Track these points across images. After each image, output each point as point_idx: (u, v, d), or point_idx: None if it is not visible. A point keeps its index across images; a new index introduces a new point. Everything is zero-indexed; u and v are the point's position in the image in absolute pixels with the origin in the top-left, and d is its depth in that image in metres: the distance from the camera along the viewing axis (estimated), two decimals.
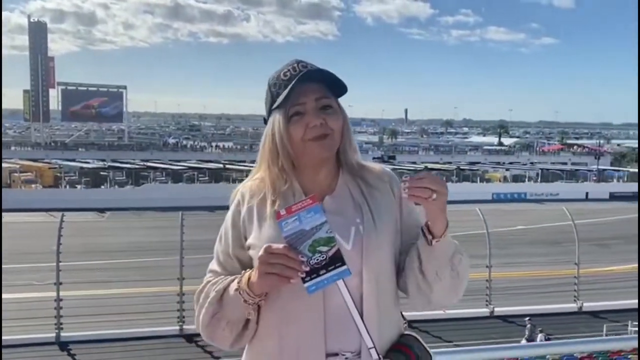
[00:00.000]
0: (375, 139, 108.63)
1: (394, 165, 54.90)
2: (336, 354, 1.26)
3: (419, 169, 50.00)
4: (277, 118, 1.33)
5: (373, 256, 1.31)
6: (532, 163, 61.18)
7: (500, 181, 46.00)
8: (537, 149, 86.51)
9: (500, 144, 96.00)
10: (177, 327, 13.49)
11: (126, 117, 78.59)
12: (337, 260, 1.14)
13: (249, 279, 1.23)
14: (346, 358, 1.26)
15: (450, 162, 59.16)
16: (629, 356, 3.13)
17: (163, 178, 40.07)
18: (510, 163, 61.45)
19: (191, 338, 13.33)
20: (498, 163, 61.23)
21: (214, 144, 75.89)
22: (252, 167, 1.48)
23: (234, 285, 1.27)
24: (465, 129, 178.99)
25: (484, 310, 15.07)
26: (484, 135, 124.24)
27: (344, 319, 1.26)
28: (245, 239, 1.35)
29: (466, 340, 12.29)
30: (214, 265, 1.40)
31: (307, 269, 1.14)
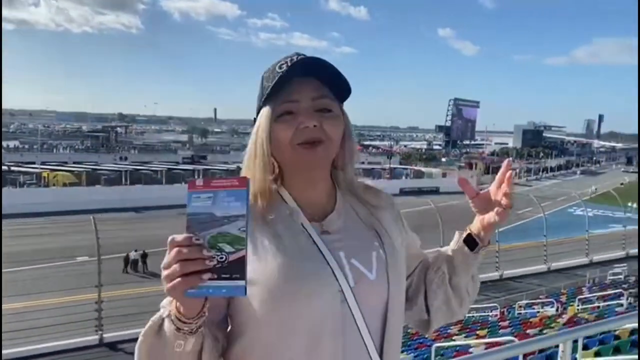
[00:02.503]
0: (185, 138, 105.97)
1: (205, 165, 54.28)
2: None
3: (231, 168, 50.10)
4: (262, 114, 1.08)
5: (399, 288, 1.11)
6: None
7: None
8: None
9: None
10: None
11: None
12: (236, 269, 0.83)
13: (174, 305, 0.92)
14: None
15: None
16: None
17: None
18: None
19: None
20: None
21: None
22: (43, 169, 1.08)
23: (164, 311, 0.94)
24: None
25: None
26: None
27: None
28: None
29: None
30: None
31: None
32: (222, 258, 0.84)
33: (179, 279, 0.82)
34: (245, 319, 1.04)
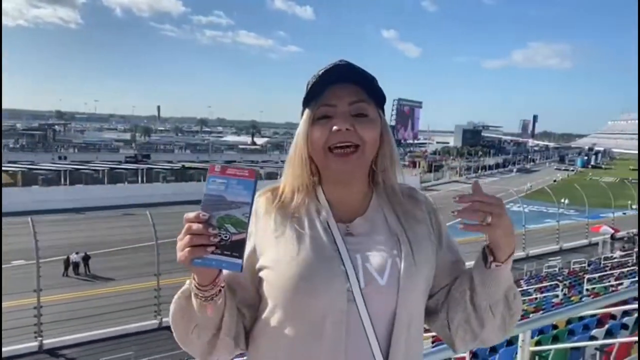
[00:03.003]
0: (127, 136, 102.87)
1: (149, 164, 52.87)
2: None
3: (176, 167, 49.03)
4: (303, 118, 1.14)
5: (410, 298, 1.10)
6: (282, 161, 65.61)
7: None
8: (286, 148, 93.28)
9: (254, 143, 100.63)
10: None
11: None
12: (236, 248, 0.96)
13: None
14: None
15: (207, 161, 59.52)
16: None
17: None
18: (264, 161, 65.06)
19: None
20: (253, 161, 64.24)
21: None
22: None
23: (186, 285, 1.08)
24: (220, 128, 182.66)
25: None
26: (238, 135, 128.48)
27: None
28: (257, 258, 1.14)
29: None
30: None
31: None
32: (226, 237, 0.96)
33: (187, 249, 0.93)
34: (264, 301, 1.14)
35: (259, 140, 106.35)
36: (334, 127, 1.09)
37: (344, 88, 1.11)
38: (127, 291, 19.83)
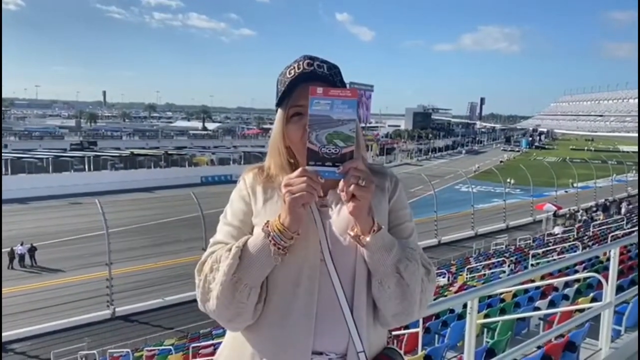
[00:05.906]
0: (72, 123, 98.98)
1: (96, 151, 51.20)
2: (321, 353, 1.25)
3: (124, 154, 47.68)
4: (277, 116, 1.33)
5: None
6: (234, 146, 65.49)
7: (207, 165, 47.63)
8: (238, 133, 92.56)
9: (205, 128, 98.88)
10: None
11: None
12: (346, 159, 1.11)
13: (277, 222, 1.21)
14: (330, 359, 1.26)
15: (157, 147, 58.24)
16: None
17: None
18: (216, 147, 64.28)
19: None
20: (204, 147, 63.27)
21: None
22: None
23: (259, 236, 1.23)
24: (169, 114, 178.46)
25: None
26: (189, 120, 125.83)
27: (335, 318, 1.26)
28: (252, 220, 1.34)
29: None
30: (218, 237, 1.35)
31: (316, 149, 1.11)
32: (336, 151, 1.11)
33: (302, 194, 1.13)
34: None
35: (210, 126, 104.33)
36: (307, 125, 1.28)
37: (310, 87, 1.26)
38: (77, 282, 19.33)
